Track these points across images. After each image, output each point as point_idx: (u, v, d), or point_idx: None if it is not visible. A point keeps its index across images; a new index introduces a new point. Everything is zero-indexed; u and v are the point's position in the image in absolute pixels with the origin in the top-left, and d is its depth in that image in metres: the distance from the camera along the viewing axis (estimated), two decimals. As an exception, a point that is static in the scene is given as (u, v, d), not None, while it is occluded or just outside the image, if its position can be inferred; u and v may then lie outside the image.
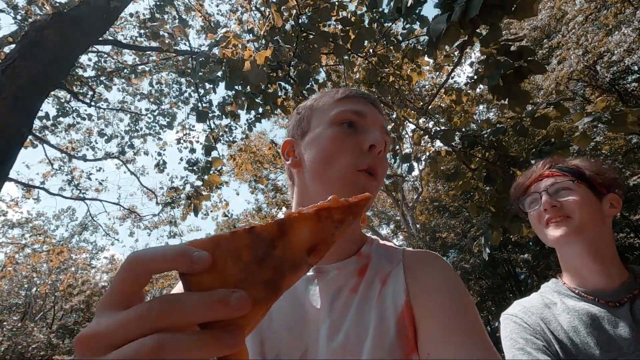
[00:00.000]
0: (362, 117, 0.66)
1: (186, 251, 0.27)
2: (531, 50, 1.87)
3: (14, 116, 2.72)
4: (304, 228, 0.29)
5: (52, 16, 3.23)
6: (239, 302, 0.26)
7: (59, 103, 7.34)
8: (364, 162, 0.62)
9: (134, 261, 0.27)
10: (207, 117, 3.25)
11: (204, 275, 0.28)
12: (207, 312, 0.26)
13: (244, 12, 8.16)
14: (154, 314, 0.25)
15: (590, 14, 10.09)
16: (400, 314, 0.55)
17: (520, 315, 0.94)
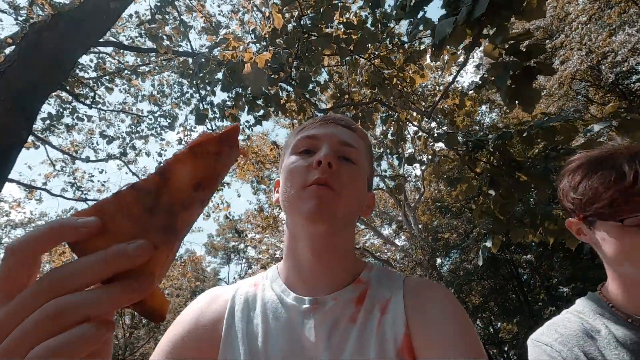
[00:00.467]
0: (315, 139, 0.68)
1: (69, 220, 0.26)
2: (541, 48, 1.82)
3: (13, 118, 2.71)
4: (183, 168, 0.30)
5: (52, 17, 3.22)
6: (138, 249, 0.26)
7: (61, 104, 7.34)
8: (311, 178, 0.63)
9: (15, 248, 0.25)
10: (206, 118, 3.23)
11: (97, 240, 0.27)
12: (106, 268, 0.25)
13: (245, 13, 8.15)
14: (45, 286, 0.24)
15: (594, 13, 10.02)
16: (400, 347, 0.54)
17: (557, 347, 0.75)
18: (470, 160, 2.34)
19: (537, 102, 1.91)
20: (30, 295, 0.24)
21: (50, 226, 0.26)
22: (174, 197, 0.29)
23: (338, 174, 0.63)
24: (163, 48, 3.44)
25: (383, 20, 3.08)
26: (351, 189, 0.65)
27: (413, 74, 4.14)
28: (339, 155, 0.66)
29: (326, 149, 0.64)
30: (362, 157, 0.70)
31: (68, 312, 0.23)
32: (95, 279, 0.25)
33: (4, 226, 15.54)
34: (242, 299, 0.67)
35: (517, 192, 2.14)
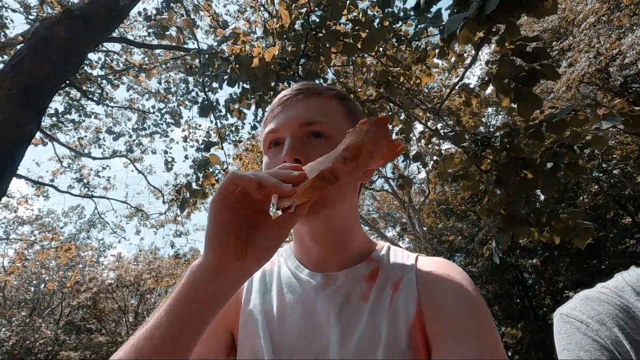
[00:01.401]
0: (278, 132, 0.62)
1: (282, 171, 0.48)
2: (547, 54, 1.81)
3: (22, 113, 2.73)
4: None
5: (62, 14, 3.25)
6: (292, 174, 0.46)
7: (68, 101, 7.42)
8: (284, 177, 0.58)
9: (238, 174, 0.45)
10: (210, 110, 3.22)
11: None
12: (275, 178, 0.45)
13: (253, 13, 8.18)
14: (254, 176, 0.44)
15: (603, 15, 9.92)
16: (412, 324, 0.54)
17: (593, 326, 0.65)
18: (477, 157, 2.32)
19: (537, 108, 1.89)
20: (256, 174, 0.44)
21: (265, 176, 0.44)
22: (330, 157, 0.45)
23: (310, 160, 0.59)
24: (173, 39, 3.46)
25: (390, 19, 3.08)
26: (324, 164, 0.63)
27: (420, 74, 4.12)
28: (306, 137, 0.60)
29: (288, 142, 0.59)
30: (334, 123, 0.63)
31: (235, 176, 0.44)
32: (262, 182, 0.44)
33: (11, 222, 15.71)
34: (259, 273, 0.70)
35: (523, 190, 2.12)
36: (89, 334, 17.88)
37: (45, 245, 13.27)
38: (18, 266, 13.02)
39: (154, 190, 10.60)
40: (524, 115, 1.89)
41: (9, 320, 15.85)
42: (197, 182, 3.30)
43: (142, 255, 20.75)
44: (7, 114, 2.58)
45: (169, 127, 7.99)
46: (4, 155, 2.54)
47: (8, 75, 2.72)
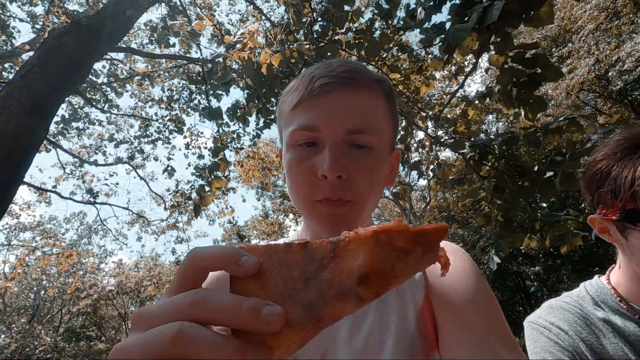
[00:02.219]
0: (315, 130, 0.55)
1: (235, 254, 0.28)
2: (545, 58, 1.86)
3: (31, 120, 2.79)
4: (357, 250, 0.25)
5: (71, 24, 3.33)
6: (270, 315, 0.25)
7: (72, 108, 7.51)
8: (319, 192, 0.54)
9: (194, 256, 0.29)
10: (220, 116, 3.27)
11: (250, 282, 0.27)
12: (235, 316, 0.25)
13: (253, 22, 8.31)
14: (187, 302, 0.26)
15: (601, 23, 10.02)
16: (420, 310, 0.53)
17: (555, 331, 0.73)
18: (476, 164, 2.36)
19: (543, 110, 1.93)
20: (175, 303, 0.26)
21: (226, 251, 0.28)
22: (335, 277, 0.26)
23: (351, 181, 0.54)
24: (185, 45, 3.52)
25: (392, 29, 3.14)
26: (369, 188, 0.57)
27: (419, 84, 4.18)
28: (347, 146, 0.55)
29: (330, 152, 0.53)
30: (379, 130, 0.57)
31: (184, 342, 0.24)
32: (223, 320, 0.25)
33: (13, 228, 15.73)
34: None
35: (521, 197, 2.16)
36: (89, 342, 17.77)
37: (47, 252, 13.28)
38: (19, 272, 13.01)
39: (156, 196, 10.65)
40: (530, 118, 1.92)
41: (9, 327, 15.79)
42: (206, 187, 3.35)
43: (142, 261, 20.73)
44: (17, 122, 2.64)
45: (172, 134, 8.07)
46: (15, 162, 2.60)
47: (18, 85, 2.79)
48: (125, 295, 19.48)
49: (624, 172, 0.67)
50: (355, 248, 0.26)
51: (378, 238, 0.25)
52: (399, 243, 0.25)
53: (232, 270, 0.27)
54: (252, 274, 0.27)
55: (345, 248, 0.26)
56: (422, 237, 0.25)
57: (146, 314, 0.28)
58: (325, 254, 0.26)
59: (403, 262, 0.25)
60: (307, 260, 0.27)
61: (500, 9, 1.34)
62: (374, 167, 0.57)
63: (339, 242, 0.26)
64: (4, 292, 16.98)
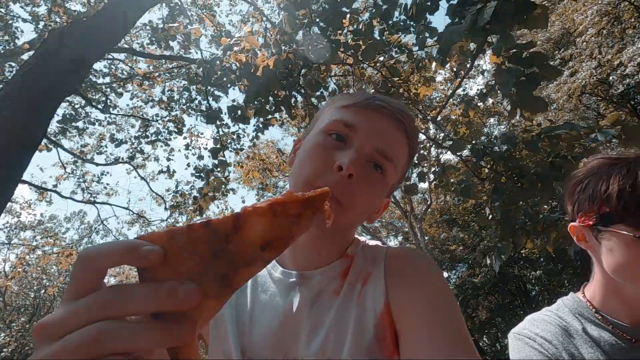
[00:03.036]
0: (353, 130, 0.59)
1: (135, 246, 0.27)
2: (543, 56, 1.84)
3: (30, 119, 2.79)
4: (258, 223, 0.28)
5: (71, 24, 3.33)
6: (187, 293, 0.26)
7: (72, 108, 7.53)
8: (323, 180, 0.56)
9: (85, 258, 0.27)
10: (218, 117, 3.28)
11: (159, 268, 0.28)
12: (154, 303, 0.25)
13: (254, 23, 8.33)
14: (99, 302, 0.25)
15: (603, 28, 10.01)
16: (380, 316, 0.54)
17: (539, 341, 0.77)
18: (476, 166, 2.35)
19: (543, 110, 1.92)
20: (86, 306, 0.26)
21: (119, 246, 0.27)
22: (240, 249, 0.28)
23: (354, 187, 0.56)
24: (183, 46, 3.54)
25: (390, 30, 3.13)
26: (363, 205, 0.60)
27: (419, 86, 4.18)
28: (367, 160, 0.58)
29: (356, 152, 0.57)
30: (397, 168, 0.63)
31: (107, 340, 0.24)
32: (143, 310, 0.26)
33: (14, 227, 15.77)
34: None
35: (520, 199, 2.14)
36: (88, 341, 17.76)
37: (47, 251, 13.30)
38: (19, 271, 13.04)
39: (156, 197, 10.66)
40: (527, 118, 1.91)
41: (9, 326, 15.81)
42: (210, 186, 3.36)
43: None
44: (15, 121, 2.64)
45: (171, 134, 8.09)
46: (13, 160, 2.60)
47: (17, 84, 2.79)
48: (125, 295, 19.47)
49: (600, 180, 0.72)
50: (255, 220, 0.28)
51: (274, 209, 0.29)
52: (292, 210, 0.29)
53: (137, 263, 0.27)
54: (157, 263, 0.27)
55: (246, 221, 0.28)
56: (309, 202, 0.30)
57: (53, 324, 0.26)
58: (227, 229, 0.28)
59: (297, 224, 0.29)
60: (211, 237, 0.28)
61: (492, 9, 1.33)
62: (377, 189, 0.61)
63: (238, 216, 0.28)
64: (4, 290, 17.02)
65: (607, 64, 10.04)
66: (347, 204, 0.56)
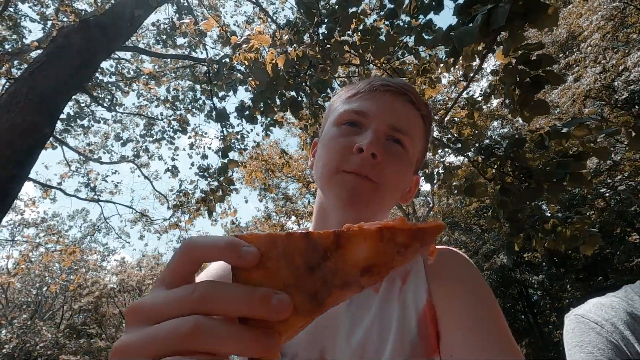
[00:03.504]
0: (364, 116, 0.61)
1: (236, 244, 0.27)
2: (551, 59, 1.84)
3: (38, 116, 2.82)
4: (362, 245, 0.27)
5: (79, 23, 3.36)
6: (280, 304, 0.25)
7: (78, 106, 7.57)
8: (349, 164, 0.58)
9: (189, 247, 0.28)
10: (226, 117, 3.29)
11: (254, 271, 0.27)
12: (247, 306, 0.25)
13: (259, 24, 8.36)
14: (196, 296, 0.26)
15: (608, 32, 9.98)
16: (422, 314, 0.54)
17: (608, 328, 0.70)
18: (483, 166, 2.35)
19: (544, 113, 1.92)
20: (181, 297, 0.26)
21: (222, 241, 0.27)
22: (339, 268, 0.27)
23: (382, 165, 0.58)
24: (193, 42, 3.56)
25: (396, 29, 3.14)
26: (394, 180, 0.61)
27: (425, 87, 4.18)
28: (386, 138, 0.60)
29: (373, 132, 0.58)
30: (415, 140, 0.64)
31: (201, 336, 0.24)
32: (234, 311, 0.26)
33: (17, 224, 15.86)
34: None
35: (527, 199, 2.14)
36: (89, 339, 17.83)
37: (50, 248, 13.36)
38: (22, 268, 13.09)
39: (160, 196, 10.69)
40: (526, 120, 1.91)
41: (10, 323, 15.88)
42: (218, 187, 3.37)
43: (145, 260, 20.80)
44: (24, 118, 2.66)
45: (176, 133, 8.11)
46: (21, 157, 2.62)
47: (26, 82, 2.82)
48: (127, 293, 19.55)
49: None
50: (359, 241, 0.27)
51: (382, 234, 0.27)
52: (401, 239, 0.27)
53: (234, 261, 0.27)
54: (254, 265, 0.27)
55: (349, 240, 0.27)
56: (421, 234, 0.27)
57: (148, 308, 0.27)
58: (328, 244, 0.27)
59: (402, 255, 0.27)
60: (310, 250, 0.27)
61: (507, 12, 1.33)
62: (403, 162, 0.62)
63: (341, 234, 0.27)
64: (7, 287, 17.09)
65: (612, 69, 10.01)
66: (379, 180, 0.58)
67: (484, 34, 1.49)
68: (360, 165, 0.57)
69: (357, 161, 0.57)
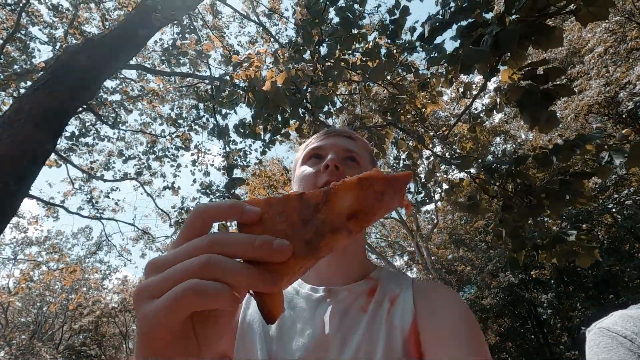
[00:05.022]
0: (321, 149, 0.76)
1: (239, 204, 0.32)
2: (559, 70, 1.83)
3: (40, 133, 2.83)
4: (346, 195, 0.32)
5: (84, 42, 3.43)
6: (280, 246, 0.30)
7: (82, 124, 7.67)
8: (320, 181, 0.70)
9: (199, 210, 0.32)
10: (227, 134, 3.31)
11: (255, 227, 0.32)
12: (251, 249, 0.30)
13: (262, 44, 8.53)
14: (207, 242, 0.30)
15: (610, 46, 10.07)
16: (407, 336, 0.57)
17: (638, 342, 0.64)
18: (483, 183, 2.32)
19: (557, 124, 1.89)
20: (194, 245, 0.30)
21: (228, 203, 0.32)
22: (328, 218, 0.31)
23: (344, 174, 0.68)
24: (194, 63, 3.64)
25: (398, 50, 3.17)
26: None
27: (426, 102, 4.20)
28: (344, 158, 0.74)
29: (332, 154, 0.72)
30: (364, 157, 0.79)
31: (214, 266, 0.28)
32: (242, 254, 0.30)
33: (20, 243, 15.84)
34: None
35: (529, 216, 2.11)
36: (88, 360, 17.46)
37: (52, 266, 13.28)
38: (23, 287, 12.99)
39: (162, 213, 10.67)
40: (544, 131, 1.89)
41: (9, 344, 15.62)
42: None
43: (146, 279, 20.56)
44: (25, 134, 2.68)
45: (179, 151, 8.16)
46: (22, 173, 2.62)
47: (29, 98, 2.85)
48: (128, 313, 19.27)
49: None
50: (343, 193, 0.32)
51: (362, 183, 0.32)
52: (378, 187, 0.32)
53: (238, 218, 0.32)
54: (256, 221, 0.32)
55: (335, 194, 0.32)
56: (393, 181, 0.32)
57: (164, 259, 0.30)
58: (318, 200, 0.32)
59: (380, 202, 0.32)
60: (303, 207, 0.32)
61: (516, 36, 1.33)
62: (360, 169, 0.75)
63: (329, 191, 0.32)
64: (7, 306, 16.91)
65: (615, 82, 10.05)
66: None
67: (493, 54, 1.49)
68: (329, 176, 0.69)
69: (325, 177, 0.70)
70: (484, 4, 1.97)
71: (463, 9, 1.99)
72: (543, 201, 2.06)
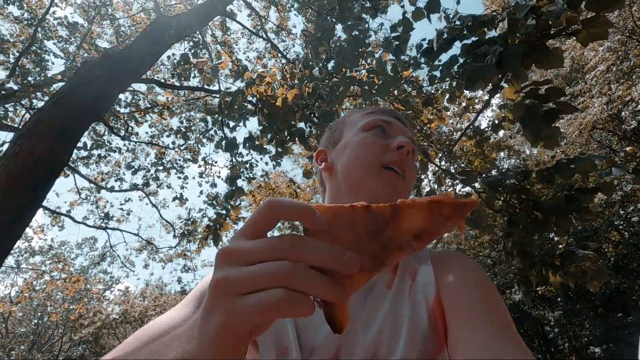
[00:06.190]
0: (390, 125, 0.71)
1: (311, 209, 0.31)
2: (559, 91, 1.88)
3: (57, 144, 2.93)
4: (415, 215, 0.32)
5: (102, 56, 3.56)
6: (351, 259, 0.30)
7: (95, 135, 7.82)
8: (389, 158, 0.66)
9: (273, 204, 0.32)
10: (236, 148, 3.39)
11: (323, 235, 0.32)
12: (328, 259, 0.29)
13: (270, 59, 8.72)
14: (287, 245, 0.29)
15: (612, 64, 10.17)
16: (432, 308, 0.56)
17: None
18: (488, 199, 2.35)
19: (559, 139, 1.94)
20: (273, 245, 0.30)
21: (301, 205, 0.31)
22: (396, 235, 0.32)
23: (411, 164, 0.68)
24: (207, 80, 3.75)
25: (403, 66, 3.26)
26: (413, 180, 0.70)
27: (431, 117, 4.27)
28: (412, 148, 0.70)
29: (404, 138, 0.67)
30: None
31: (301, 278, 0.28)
32: (316, 261, 0.30)
33: (23, 252, 15.87)
34: None
35: (535, 232, 2.12)
36: (87, 373, 17.22)
37: (55, 276, 13.27)
38: (25, 296, 12.97)
39: (166, 224, 10.72)
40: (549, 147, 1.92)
41: (8, 354, 15.49)
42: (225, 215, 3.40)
43: (148, 290, 20.47)
44: (44, 146, 2.77)
45: (186, 162, 8.26)
46: (39, 183, 2.70)
47: (49, 111, 2.95)
48: (129, 324, 19.09)
49: None
50: (412, 212, 0.32)
51: (432, 206, 0.32)
52: (445, 211, 0.32)
53: (308, 223, 0.31)
54: (324, 229, 0.31)
55: (404, 212, 0.32)
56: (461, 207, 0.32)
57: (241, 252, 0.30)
58: (386, 215, 0.32)
59: (444, 225, 0.32)
60: (370, 220, 0.32)
61: (520, 55, 1.39)
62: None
63: (397, 207, 0.32)
64: (8, 316, 16.84)
65: (617, 100, 10.10)
66: (408, 179, 0.67)
67: (497, 71, 1.55)
68: (399, 157, 0.66)
69: (394, 157, 0.66)
70: (489, 22, 2.03)
71: (468, 27, 2.07)
72: (549, 217, 2.07)
